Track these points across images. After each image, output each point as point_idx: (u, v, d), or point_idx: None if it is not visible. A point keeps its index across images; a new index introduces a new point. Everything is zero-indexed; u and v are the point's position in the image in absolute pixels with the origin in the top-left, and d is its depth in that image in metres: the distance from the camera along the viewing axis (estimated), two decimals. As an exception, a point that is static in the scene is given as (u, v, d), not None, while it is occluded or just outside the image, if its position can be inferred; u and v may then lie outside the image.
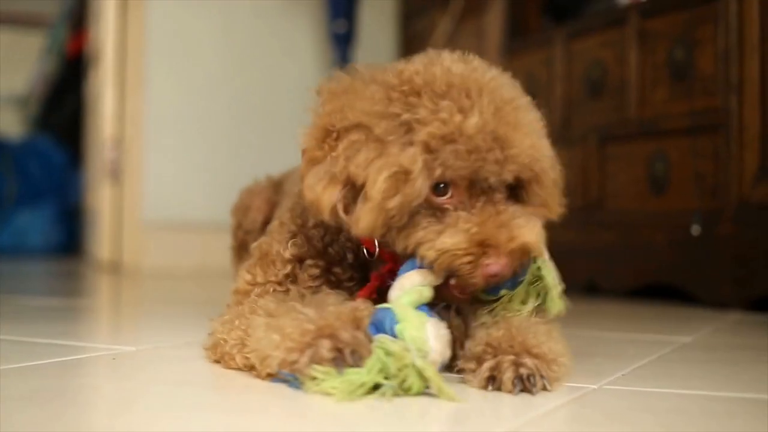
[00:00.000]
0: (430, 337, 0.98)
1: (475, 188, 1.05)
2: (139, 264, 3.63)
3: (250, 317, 1.10)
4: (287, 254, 1.22)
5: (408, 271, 1.06)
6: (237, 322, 1.12)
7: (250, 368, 1.07)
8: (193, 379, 1.11)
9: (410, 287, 1.04)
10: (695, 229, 2.37)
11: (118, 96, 3.71)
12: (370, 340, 1.00)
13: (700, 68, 2.42)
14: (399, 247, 1.07)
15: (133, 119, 3.69)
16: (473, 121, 1.03)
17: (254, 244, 1.29)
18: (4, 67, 6.54)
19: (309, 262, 1.22)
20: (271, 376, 1.02)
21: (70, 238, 5.29)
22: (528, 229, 1.06)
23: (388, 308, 1.01)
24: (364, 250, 1.18)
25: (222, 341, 1.13)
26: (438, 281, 1.05)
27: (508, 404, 0.96)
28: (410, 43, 4.01)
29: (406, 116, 1.04)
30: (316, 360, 0.97)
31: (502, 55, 3.27)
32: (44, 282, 3.12)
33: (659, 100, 2.56)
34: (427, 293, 1.05)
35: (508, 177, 1.06)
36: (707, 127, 2.37)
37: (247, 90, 3.89)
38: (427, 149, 1.02)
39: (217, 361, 1.14)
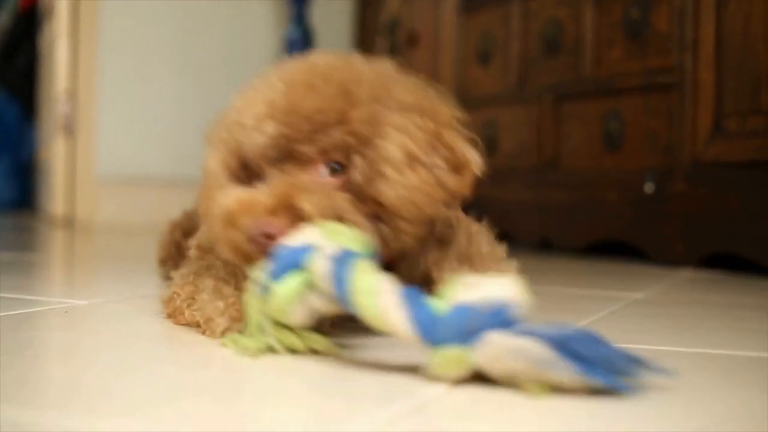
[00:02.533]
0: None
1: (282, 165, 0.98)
2: (92, 219, 3.60)
3: (203, 274, 1.09)
4: None
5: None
6: (191, 278, 1.10)
7: (195, 325, 1.04)
8: (145, 331, 1.10)
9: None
10: (648, 187, 2.39)
11: (71, 50, 3.66)
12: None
13: (655, 27, 2.43)
14: None
15: (87, 73, 3.65)
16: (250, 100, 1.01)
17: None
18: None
19: None
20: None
21: (23, 192, 5.24)
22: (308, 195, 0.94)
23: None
24: None
25: (176, 295, 1.11)
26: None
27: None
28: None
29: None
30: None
31: (459, 14, 3.26)
32: (-4, 237, 3.09)
33: (615, 59, 2.57)
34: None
35: (310, 151, 0.96)
36: (662, 86, 2.39)
37: (202, 45, 3.86)
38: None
39: (170, 316, 1.12)
